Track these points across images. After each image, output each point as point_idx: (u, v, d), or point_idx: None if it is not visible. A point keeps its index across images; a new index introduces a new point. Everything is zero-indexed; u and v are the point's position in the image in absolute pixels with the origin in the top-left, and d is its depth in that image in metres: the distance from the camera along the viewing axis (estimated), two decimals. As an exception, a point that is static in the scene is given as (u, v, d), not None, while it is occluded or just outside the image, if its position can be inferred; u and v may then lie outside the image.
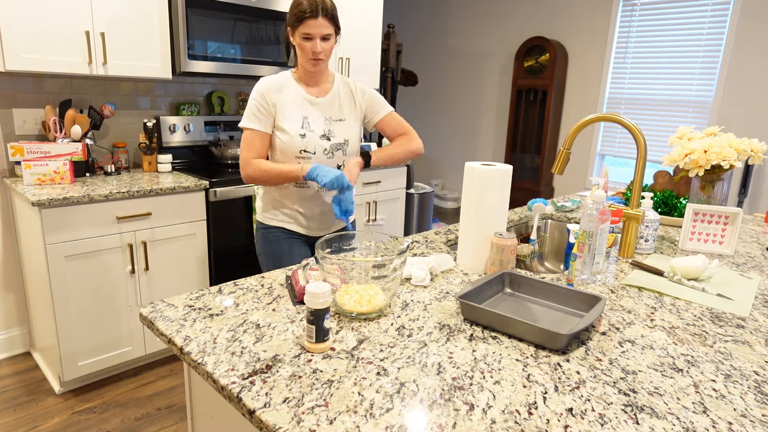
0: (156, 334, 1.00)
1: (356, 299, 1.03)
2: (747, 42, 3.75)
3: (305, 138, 1.66)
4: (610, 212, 1.37)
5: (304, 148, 1.66)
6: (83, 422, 2.09)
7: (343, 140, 1.72)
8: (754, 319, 1.14)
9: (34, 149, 2.25)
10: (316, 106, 1.70)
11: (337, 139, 1.71)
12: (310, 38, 1.56)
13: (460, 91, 5.75)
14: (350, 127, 1.75)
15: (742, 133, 3.85)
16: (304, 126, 1.66)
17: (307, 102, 1.69)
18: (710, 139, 1.74)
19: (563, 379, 0.86)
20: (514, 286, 1.23)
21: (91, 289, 2.21)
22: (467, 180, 1.33)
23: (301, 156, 1.66)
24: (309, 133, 1.67)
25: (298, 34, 1.57)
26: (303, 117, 1.67)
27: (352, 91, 1.78)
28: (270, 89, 1.64)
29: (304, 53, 1.59)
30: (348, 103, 1.76)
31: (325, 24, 1.55)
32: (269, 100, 1.64)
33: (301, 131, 1.66)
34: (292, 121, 1.65)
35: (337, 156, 1.72)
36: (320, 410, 0.75)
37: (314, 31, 1.55)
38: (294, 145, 1.65)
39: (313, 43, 1.57)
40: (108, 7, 2.27)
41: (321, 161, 1.68)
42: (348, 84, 1.78)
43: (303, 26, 1.54)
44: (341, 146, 1.73)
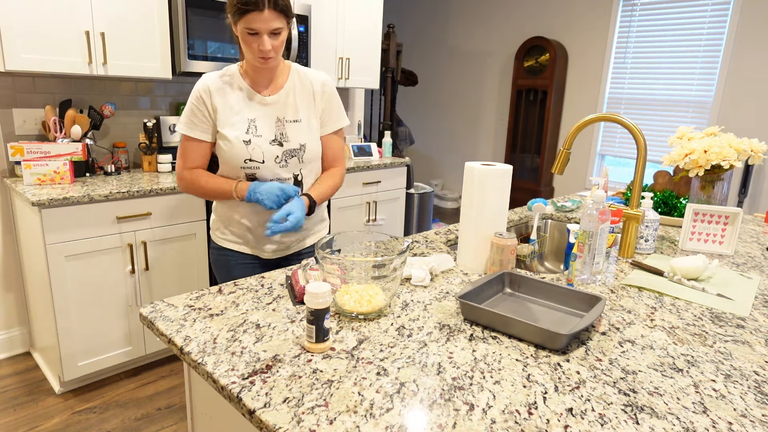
0: (156, 334, 1.00)
1: (356, 299, 1.03)
2: (747, 42, 3.75)
3: (250, 145, 1.42)
4: (610, 212, 1.37)
5: (249, 157, 1.42)
6: (83, 422, 2.09)
7: (298, 145, 1.48)
8: (754, 319, 1.14)
9: (34, 149, 2.25)
10: (266, 107, 1.46)
11: (291, 144, 1.47)
12: (255, 33, 1.31)
13: (460, 91, 5.75)
14: (307, 129, 1.50)
15: (742, 133, 3.85)
16: (249, 130, 1.43)
17: (254, 102, 1.45)
18: (710, 139, 1.74)
19: (563, 379, 0.86)
20: (514, 286, 1.23)
21: (91, 289, 2.21)
22: (467, 180, 1.33)
23: (247, 167, 1.43)
24: (255, 138, 1.43)
25: (240, 27, 1.31)
26: (249, 120, 1.43)
27: (312, 85, 1.51)
28: (210, 90, 1.42)
29: (250, 50, 1.34)
30: (305, 100, 1.50)
31: (273, 17, 1.29)
32: (209, 104, 1.42)
33: (245, 137, 1.42)
34: (234, 126, 1.42)
35: (291, 164, 1.48)
36: (320, 410, 0.75)
37: (260, 26, 1.29)
38: (236, 154, 1.42)
39: (260, 40, 1.31)
40: (108, 7, 2.27)
41: (273, 171, 1.46)
42: (307, 77, 1.51)
43: (245, 20, 1.29)
44: (296, 152, 1.48)
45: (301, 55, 2.91)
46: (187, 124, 1.44)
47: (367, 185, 3.29)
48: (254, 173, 1.45)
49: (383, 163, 3.34)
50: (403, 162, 3.49)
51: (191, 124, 1.44)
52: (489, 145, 5.56)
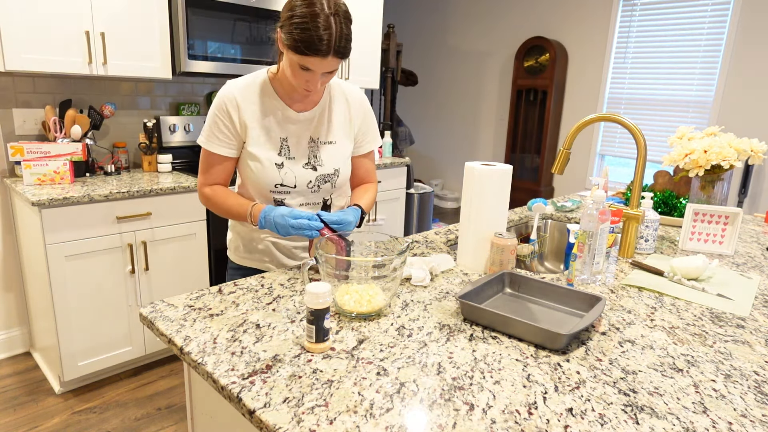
0: (156, 334, 1.00)
1: (356, 299, 1.03)
2: (747, 42, 3.75)
3: (282, 168, 1.29)
4: (609, 212, 1.37)
5: (280, 182, 1.29)
6: (83, 422, 2.09)
7: (332, 170, 1.34)
8: (754, 319, 1.14)
9: (34, 149, 2.25)
10: (298, 125, 1.30)
11: (325, 168, 1.33)
12: (309, 70, 1.17)
13: (460, 91, 5.75)
14: (342, 153, 1.36)
15: (742, 133, 3.85)
16: (282, 152, 1.29)
17: (286, 118, 1.29)
18: (710, 139, 1.74)
19: (563, 379, 0.86)
20: (514, 286, 1.23)
21: (91, 289, 2.21)
22: (467, 180, 1.33)
23: (277, 191, 1.30)
24: (288, 161, 1.29)
25: (295, 59, 1.15)
26: (281, 139, 1.29)
27: (348, 102, 1.37)
28: (237, 102, 1.26)
29: (296, 80, 1.19)
30: (342, 119, 1.36)
31: (333, 62, 1.15)
32: (236, 118, 1.26)
33: (277, 159, 1.28)
34: (265, 146, 1.28)
35: (324, 189, 1.35)
36: (320, 410, 0.75)
37: (317, 68, 1.15)
38: (267, 177, 1.28)
39: (313, 77, 1.18)
40: (108, 6, 2.27)
41: (305, 196, 1.34)
42: (343, 92, 1.37)
43: (304, 60, 1.14)
44: (329, 178, 1.35)
45: (301, 55, 2.90)
46: (209, 138, 1.28)
47: (367, 185, 3.29)
48: (284, 199, 1.32)
49: (383, 163, 3.34)
50: (403, 162, 3.49)
51: (213, 138, 1.28)
52: (489, 145, 5.56)
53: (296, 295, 1.15)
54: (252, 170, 1.29)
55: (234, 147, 1.30)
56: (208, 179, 1.33)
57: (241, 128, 1.28)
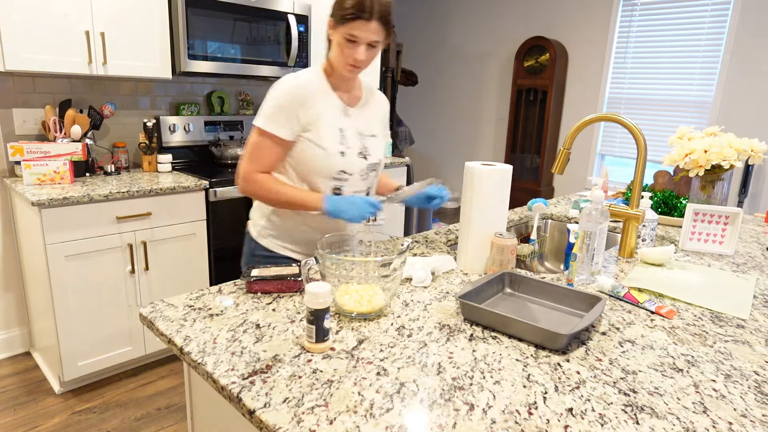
0: (156, 334, 1.00)
1: (356, 299, 1.03)
2: (747, 42, 3.75)
3: (345, 157, 1.38)
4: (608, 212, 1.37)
5: (343, 169, 1.38)
6: (83, 422, 2.09)
7: (377, 160, 1.48)
8: (754, 319, 1.14)
9: (34, 149, 2.25)
10: (350, 118, 1.42)
11: (372, 158, 1.46)
12: (354, 41, 1.27)
13: (460, 91, 5.75)
14: (381, 146, 1.51)
15: (742, 133, 3.85)
16: (342, 142, 1.38)
17: (341, 111, 1.40)
18: (710, 139, 1.74)
19: (563, 379, 0.86)
20: (514, 286, 1.23)
21: (91, 289, 2.21)
22: (467, 180, 1.33)
23: (338, 178, 1.39)
24: (347, 150, 1.39)
25: (341, 32, 1.27)
26: (339, 129, 1.38)
27: (378, 101, 1.52)
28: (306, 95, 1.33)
29: (343, 56, 1.30)
30: (377, 115, 1.50)
31: (377, 29, 1.27)
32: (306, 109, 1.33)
33: (340, 148, 1.37)
34: (330, 137, 1.36)
35: (370, 178, 1.48)
36: (320, 410, 0.75)
37: (362, 35, 1.26)
38: (332, 163, 1.36)
39: (358, 49, 1.28)
40: (108, 6, 2.27)
41: (357, 185, 1.44)
42: (372, 91, 1.52)
43: (349, 27, 1.25)
44: (376, 167, 1.48)
45: (301, 55, 2.91)
46: (271, 119, 1.31)
47: (367, 185, 3.29)
48: (342, 186, 1.41)
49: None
50: (403, 162, 3.49)
51: (277, 119, 1.31)
52: (489, 145, 5.56)
53: (296, 295, 1.15)
54: (317, 157, 1.35)
55: (293, 133, 1.34)
56: (258, 165, 1.35)
57: (306, 118, 1.33)
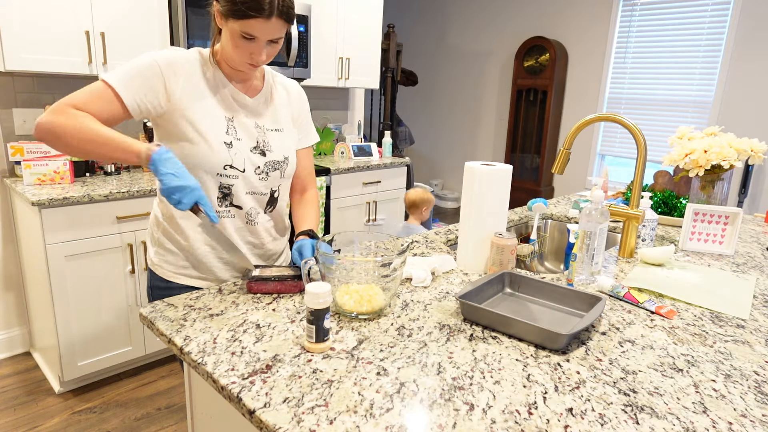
0: (156, 334, 1.00)
1: (356, 299, 1.03)
2: (747, 42, 3.75)
3: (232, 148, 1.18)
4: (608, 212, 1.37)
5: (230, 163, 1.18)
6: (83, 422, 2.09)
7: (282, 157, 1.27)
8: (754, 319, 1.14)
9: (34, 149, 2.25)
10: (244, 109, 1.22)
11: (274, 154, 1.25)
12: (252, 39, 1.09)
13: (460, 91, 5.75)
14: (289, 141, 1.30)
15: (742, 133, 3.85)
16: (229, 131, 1.18)
17: (232, 99, 1.20)
18: (710, 139, 1.74)
19: (563, 379, 0.86)
20: (514, 286, 1.23)
21: (91, 289, 2.21)
22: (467, 180, 1.33)
23: (226, 174, 1.18)
24: (236, 142, 1.19)
25: (235, 27, 1.08)
26: (227, 119, 1.19)
27: (288, 93, 1.32)
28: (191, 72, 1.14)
29: (239, 53, 1.11)
30: (284, 108, 1.30)
31: (277, 26, 1.09)
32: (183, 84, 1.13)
33: (226, 138, 1.17)
34: (211, 123, 1.16)
35: (272, 177, 1.26)
36: (320, 410, 0.75)
37: (260, 33, 1.08)
38: (216, 157, 1.16)
39: (258, 47, 1.10)
40: (108, 6, 2.27)
41: (252, 184, 1.23)
42: (282, 83, 1.32)
43: (244, 24, 1.06)
44: (279, 165, 1.27)
45: (301, 55, 2.91)
46: (127, 80, 1.09)
47: (367, 185, 3.29)
48: (231, 184, 1.20)
49: (383, 163, 3.34)
50: (403, 162, 3.49)
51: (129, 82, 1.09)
52: (489, 145, 5.56)
53: (296, 295, 1.15)
54: (198, 149, 1.14)
55: (141, 108, 1.11)
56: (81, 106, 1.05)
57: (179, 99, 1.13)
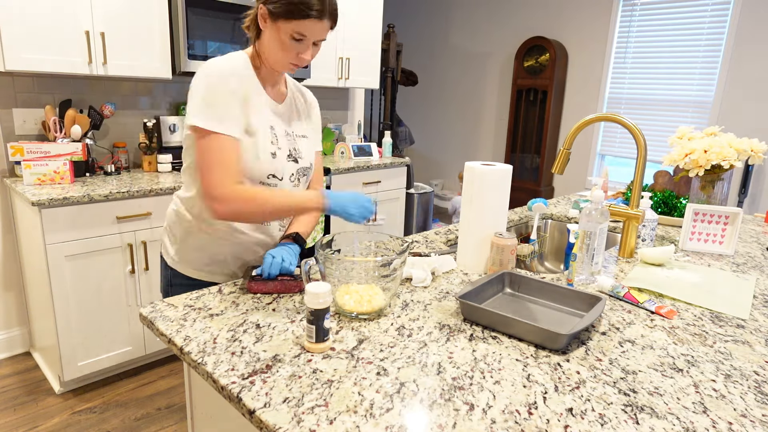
0: (156, 334, 1.00)
1: (356, 299, 1.03)
2: (747, 42, 3.75)
3: (275, 159, 1.20)
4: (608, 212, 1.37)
5: (273, 173, 1.21)
6: (83, 422, 2.09)
7: (309, 164, 1.32)
8: (754, 319, 1.14)
9: (34, 149, 2.25)
10: (278, 116, 1.25)
11: (304, 161, 1.29)
12: (301, 40, 1.13)
13: (460, 91, 5.75)
14: (313, 147, 1.34)
15: (742, 133, 3.85)
16: (273, 141, 1.21)
17: (269, 107, 1.23)
18: (710, 139, 1.74)
19: (563, 379, 0.86)
20: (514, 286, 1.23)
21: (91, 289, 2.21)
22: (467, 180, 1.33)
23: (267, 183, 1.21)
24: (278, 151, 1.22)
25: (286, 28, 1.12)
26: (270, 128, 1.22)
27: (305, 100, 1.36)
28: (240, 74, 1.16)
29: (285, 54, 1.15)
30: (306, 115, 1.35)
31: (327, 27, 1.15)
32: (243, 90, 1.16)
33: (271, 148, 1.20)
34: (261, 133, 1.19)
35: (302, 184, 1.31)
36: (320, 410, 0.75)
37: (311, 34, 1.13)
38: (262, 167, 1.19)
39: (305, 47, 1.15)
40: (108, 6, 2.27)
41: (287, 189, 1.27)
42: (299, 90, 1.36)
43: (298, 24, 1.11)
44: (307, 171, 1.32)
45: (301, 55, 2.91)
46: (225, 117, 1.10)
47: (367, 185, 3.29)
48: None
49: (383, 163, 3.34)
50: (403, 162, 3.49)
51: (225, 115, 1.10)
52: (489, 145, 5.56)
53: (296, 295, 1.15)
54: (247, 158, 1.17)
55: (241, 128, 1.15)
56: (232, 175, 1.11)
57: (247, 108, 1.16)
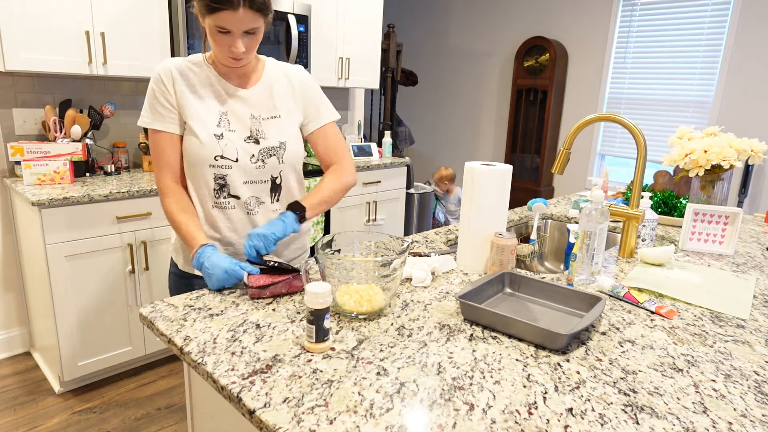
0: (156, 334, 1.00)
1: (356, 299, 1.03)
2: (747, 42, 3.75)
3: (222, 139, 1.24)
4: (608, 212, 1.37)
5: (220, 154, 1.24)
6: (83, 422, 2.09)
7: (278, 143, 1.30)
8: (754, 319, 1.14)
9: (34, 149, 2.25)
10: (239, 101, 1.28)
11: (268, 141, 1.29)
12: (228, 32, 1.14)
13: (460, 92, 5.74)
14: (288, 126, 1.33)
15: (742, 133, 3.85)
16: (221, 124, 1.25)
17: (226, 94, 1.27)
18: (710, 139, 1.74)
19: (563, 379, 0.86)
20: (514, 286, 1.23)
21: (91, 289, 2.21)
22: (467, 180, 1.33)
23: (218, 165, 1.25)
24: (228, 133, 1.25)
25: (211, 23, 1.13)
26: (221, 113, 1.26)
27: (289, 79, 1.36)
28: (172, 75, 1.23)
29: (220, 48, 1.18)
30: (285, 95, 1.34)
31: (248, 17, 1.12)
32: (171, 90, 1.23)
33: (216, 130, 1.24)
34: (203, 119, 1.24)
35: (270, 164, 1.30)
36: (320, 410, 0.75)
37: (232, 26, 1.13)
38: (206, 149, 1.23)
39: (233, 38, 1.15)
40: (108, 6, 2.27)
41: (249, 172, 1.28)
42: (287, 73, 1.36)
43: (216, 18, 1.11)
44: (275, 151, 1.30)
45: (301, 55, 2.91)
46: (153, 116, 1.24)
47: (367, 185, 3.29)
48: (225, 174, 1.26)
49: (383, 163, 3.34)
50: (403, 162, 3.49)
51: (157, 115, 1.24)
52: (489, 145, 5.56)
53: (296, 295, 1.15)
54: (191, 144, 1.24)
55: (178, 123, 1.25)
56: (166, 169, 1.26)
57: (178, 101, 1.24)
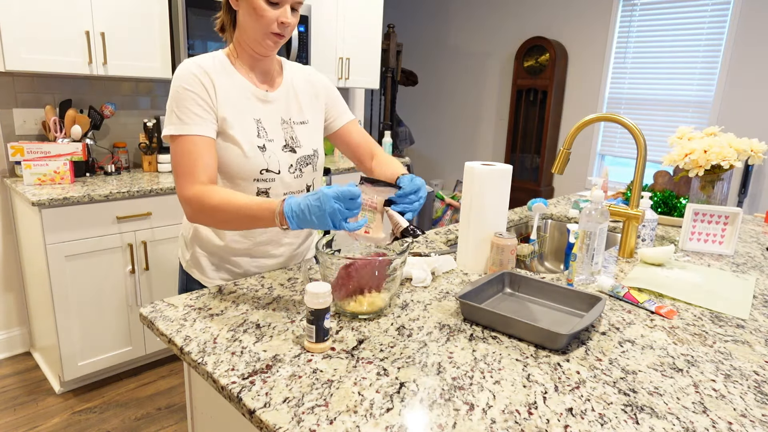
0: (156, 334, 1.00)
1: (356, 299, 1.03)
2: (747, 42, 3.75)
3: (266, 152, 1.15)
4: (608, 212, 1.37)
5: (266, 167, 1.15)
6: (83, 422, 2.09)
7: (311, 151, 1.25)
8: (754, 319, 1.14)
9: (34, 149, 2.25)
10: (269, 104, 1.19)
11: (304, 149, 1.23)
12: (276, 4, 1.07)
13: (460, 91, 5.75)
14: (316, 132, 1.28)
15: (742, 133, 3.85)
16: (260, 134, 1.15)
17: (255, 98, 1.17)
18: (710, 139, 1.74)
19: (563, 379, 0.86)
20: (514, 286, 1.23)
21: (91, 289, 2.21)
22: (467, 180, 1.33)
23: (262, 179, 1.16)
24: (269, 143, 1.16)
25: None
26: (255, 120, 1.16)
27: (310, 81, 1.29)
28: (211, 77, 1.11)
29: (262, 23, 1.08)
30: (309, 98, 1.27)
31: None
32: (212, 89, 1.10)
33: (258, 141, 1.14)
34: (243, 128, 1.13)
35: (306, 173, 1.24)
36: (320, 410, 0.75)
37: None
38: (251, 163, 1.14)
39: (283, 11, 1.08)
40: (108, 6, 2.27)
41: (287, 183, 1.20)
42: (305, 73, 1.29)
43: None
44: (310, 159, 1.24)
45: (301, 55, 2.91)
46: (187, 119, 1.07)
47: (367, 185, 3.28)
48: (269, 188, 1.18)
49: (383, 163, 3.34)
50: (403, 162, 3.49)
51: (193, 117, 1.07)
52: (489, 145, 5.56)
53: (296, 295, 1.15)
54: (232, 156, 1.13)
55: (215, 126, 1.11)
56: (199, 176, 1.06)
57: (218, 105, 1.11)
